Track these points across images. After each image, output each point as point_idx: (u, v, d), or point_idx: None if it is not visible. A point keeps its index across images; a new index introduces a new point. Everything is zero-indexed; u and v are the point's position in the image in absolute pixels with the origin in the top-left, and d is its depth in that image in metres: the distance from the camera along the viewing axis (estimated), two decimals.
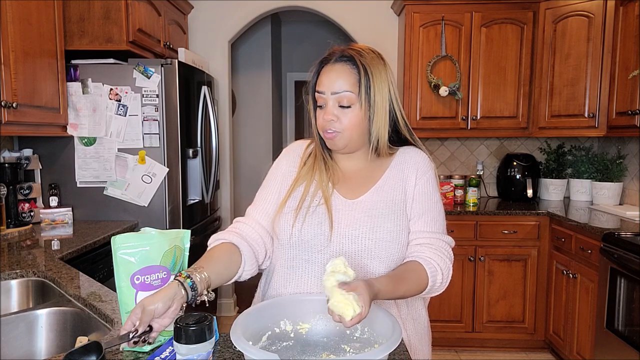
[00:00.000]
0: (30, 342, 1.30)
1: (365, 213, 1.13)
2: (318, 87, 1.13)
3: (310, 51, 5.25)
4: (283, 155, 1.28)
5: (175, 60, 2.54)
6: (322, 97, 1.12)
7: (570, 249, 2.70)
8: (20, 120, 2.01)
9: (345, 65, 1.12)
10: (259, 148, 4.82)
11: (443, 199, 3.25)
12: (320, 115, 1.14)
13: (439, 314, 3.05)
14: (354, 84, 1.11)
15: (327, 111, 1.12)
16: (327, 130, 1.13)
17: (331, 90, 1.11)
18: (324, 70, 1.14)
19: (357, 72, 1.11)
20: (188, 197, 2.77)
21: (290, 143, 1.33)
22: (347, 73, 1.11)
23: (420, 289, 1.09)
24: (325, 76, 1.12)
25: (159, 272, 0.96)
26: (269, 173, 1.27)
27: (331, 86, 1.11)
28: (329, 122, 1.12)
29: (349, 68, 1.11)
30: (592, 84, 2.95)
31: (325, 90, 1.11)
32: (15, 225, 2.24)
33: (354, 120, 1.12)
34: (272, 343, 0.95)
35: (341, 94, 1.10)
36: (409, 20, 3.17)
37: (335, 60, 1.13)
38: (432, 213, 1.17)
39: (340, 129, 1.12)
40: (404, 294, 1.07)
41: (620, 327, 2.23)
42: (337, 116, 1.11)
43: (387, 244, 1.11)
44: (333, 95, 1.11)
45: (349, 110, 1.11)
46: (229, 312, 3.73)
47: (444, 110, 3.21)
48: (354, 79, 1.11)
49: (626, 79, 2.65)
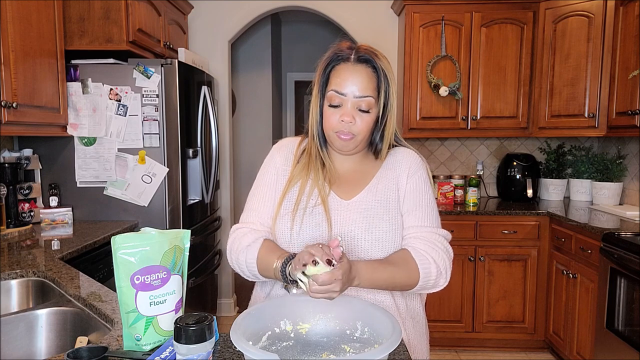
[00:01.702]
0: (30, 342, 1.30)
1: (361, 213, 1.13)
2: (337, 87, 1.11)
3: (310, 51, 5.25)
4: (276, 151, 1.26)
5: (175, 60, 2.54)
6: (340, 98, 1.11)
7: (570, 249, 2.70)
8: (20, 120, 2.01)
9: (367, 68, 1.11)
10: (259, 148, 4.82)
11: (443, 199, 3.26)
12: (334, 114, 1.12)
13: (439, 314, 3.05)
14: (374, 89, 1.11)
15: (346, 113, 1.10)
16: (342, 131, 1.12)
17: (354, 93, 1.10)
18: (344, 70, 1.11)
19: (377, 77, 1.11)
20: (188, 197, 2.77)
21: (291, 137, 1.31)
22: (369, 77, 1.11)
23: (411, 277, 1.08)
24: (347, 77, 1.10)
25: (159, 272, 0.96)
26: (262, 172, 1.25)
27: (354, 89, 1.10)
28: (347, 125, 1.11)
29: (370, 72, 1.11)
30: (592, 84, 2.95)
31: (347, 92, 1.10)
32: (15, 225, 2.24)
33: (370, 124, 1.13)
34: (272, 343, 0.96)
35: (364, 99, 1.10)
36: (409, 20, 3.17)
37: (355, 61, 1.12)
38: (424, 208, 1.17)
39: (355, 131, 1.12)
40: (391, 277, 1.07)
41: (620, 327, 2.23)
42: (355, 119, 1.11)
43: (384, 243, 1.12)
44: (355, 99, 1.10)
45: (367, 114, 1.12)
46: (229, 312, 3.73)
47: (444, 110, 3.21)
48: (374, 84, 1.11)
49: (626, 79, 2.65)
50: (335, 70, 1.13)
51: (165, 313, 0.97)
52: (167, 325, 0.97)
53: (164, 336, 0.97)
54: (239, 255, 1.14)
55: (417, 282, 1.09)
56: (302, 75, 5.51)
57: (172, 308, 0.98)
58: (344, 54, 1.13)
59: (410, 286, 1.10)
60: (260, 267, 1.11)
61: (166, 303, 0.97)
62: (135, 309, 0.94)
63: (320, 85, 1.16)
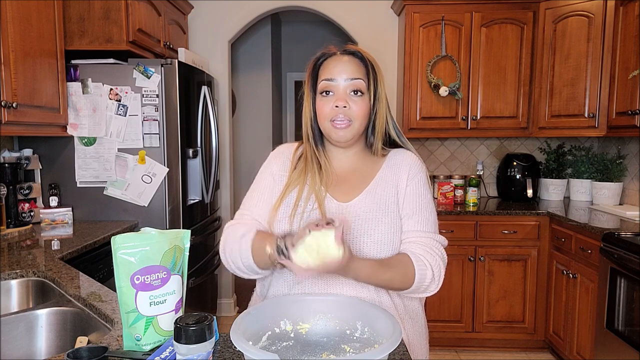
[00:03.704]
0: (30, 342, 1.30)
1: (359, 216, 1.13)
2: (327, 75, 1.13)
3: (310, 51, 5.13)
4: (273, 158, 1.26)
5: (175, 60, 2.54)
6: (331, 85, 1.12)
7: (570, 249, 2.70)
8: (20, 120, 2.01)
9: (354, 58, 1.15)
10: (259, 148, 4.82)
11: (443, 199, 3.26)
12: (328, 102, 1.13)
13: (439, 314, 3.05)
14: (364, 75, 1.14)
15: (339, 97, 1.11)
16: (338, 117, 1.12)
17: (345, 76, 1.12)
18: (331, 61, 1.15)
19: (364, 66, 1.14)
20: (188, 197, 2.77)
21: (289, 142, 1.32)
22: (357, 64, 1.14)
23: (406, 280, 1.08)
24: (336, 65, 1.13)
25: (159, 272, 0.96)
26: (259, 177, 1.24)
27: (344, 73, 1.12)
28: (341, 109, 1.11)
29: (358, 61, 1.15)
30: (592, 84, 2.95)
31: (336, 77, 1.12)
32: (15, 225, 2.24)
33: (364, 109, 1.14)
34: (272, 343, 0.95)
35: (355, 81, 1.12)
36: (409, 20, 3.17)
37: (342, 54, 1.16)
38: (424, 213, 1.17)
39: (352, 116, 1.12)
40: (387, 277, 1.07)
41: (620, 327, 2.23)
42: (348, 103, 1.12)
43: (382, 245, 1.11)
44: (346, 82, 1.12)
45: (360, 98, 1.13)
46: (229, 312, 3.73)
47: (444, 110, 3.21)
48: (363, 70, 1.14)
49: (626, 79, 2.65)
50: (323, 65, 1.17)
51: (165, 313, 0.97)
52: (167, 325, 0.97)
53: (164, 336, 0.97)
54: (233, 245, 1.11)
55: (411, 286, 1.09)
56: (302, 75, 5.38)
57: (172, 308, 0.98)
58: (331, 52, 1.18)
59: (403, 289, 1.10)
60: (255, 252, 1.07)
61: (166, 303, 0.97)
62: (135, 309, 0.94)
63: (310, 83, 1.18)
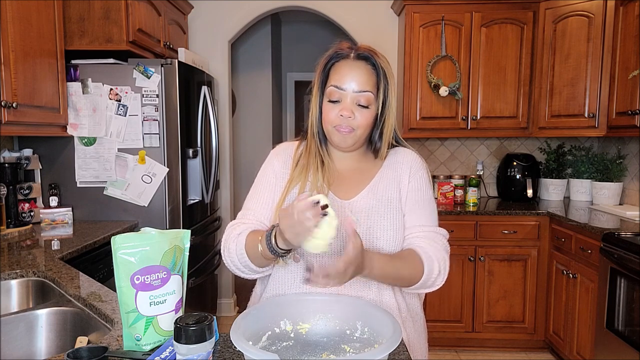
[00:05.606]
0: (30, 342, 1.30)
1: (361, 213, 1.14)
2: (336, 82, 1.12)
3: (310, 51, 5.25)
4: (274, 156, 1.26)
5: (175, 60, 2.54)
6: (339, 93, 1.12)
7: (570, 249, 2.70)
8: (20, 120, 2.01)
9: (366, 65, 1.13)
10: (259, 148, 4.82)
11: (443, 199, 3.26)
12: (334, 109, 1.13)
13: (439, 314, 3.05)
14: (373, 85, 1.12)
15: (345, 107, 1.11)
16: (342, 125, 1.12)
17: (353, 88, 1.11)
18: (343, 66, 1.13)
19: (376, 75, 1.13)
20: (188, 197, 2.77)
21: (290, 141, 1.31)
22: (368, 73, 1.12)
23: (415, 273, 1.09)
24: (347, 72, 1.12)
25: (159, 272, 0.96)
26: (261, 175, 1.24)
27: (353, 84, 1.11)
28: (346, 119, 1.11)
29: (370, 69, 1.13)
30: (592, 84, 2.95)
31: (346, 87, 1.11)
32: (15, 225, 2.24)
33: (369, 120, 1.14)
34: (272, 343, 0.95)
35: (363, 94, 1.11)
36: (409, 20, 3.17)
37: (355, 58, 1.13)
38: (426, 208, 1.18)
39: (355, 126, 1.12)
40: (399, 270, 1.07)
41: (620, 327, 2.23)
42: (354, 113, 1.12)
43: (385, 242, 1.12)
44: (354, 94, 1.11)
45: (366, 110, 1.12)
46: (229, 312, 3.73)
47: (444, 110, 3.21)
48: (374, 80, 1.12)
49: (626, 79, 2.65)
50: (335, 67, 1.14)
51: (165, 313, 0.97)
52: (167, 325, 0.97)
53: (164, 336, 0.97)
54: (230, 244, 1.12)
55: (419, 280, 1.10)
56: (302, 75, 5.51)
57: (172, 308, 0.98)
58: (344, 52, 1.15)
59: (412, 283, 1.11)
60: (249, 250, 1.07)
61: (166, 303, 0.97)
62: (135, 309, 0.94)
63: (320, 83, 1.17)
